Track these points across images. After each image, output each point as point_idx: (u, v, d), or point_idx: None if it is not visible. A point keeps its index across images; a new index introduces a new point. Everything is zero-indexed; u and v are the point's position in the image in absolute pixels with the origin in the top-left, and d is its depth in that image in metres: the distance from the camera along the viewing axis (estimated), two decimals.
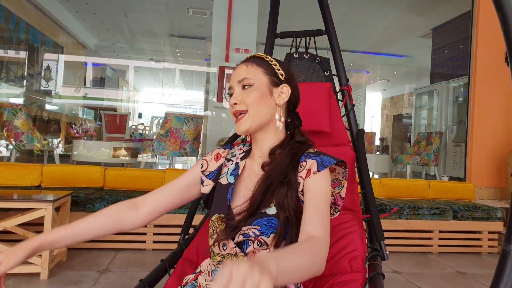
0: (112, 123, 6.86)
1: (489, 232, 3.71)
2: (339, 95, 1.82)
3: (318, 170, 0.98)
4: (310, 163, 1.00)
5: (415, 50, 9.56)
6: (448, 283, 2.82)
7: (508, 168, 4.44)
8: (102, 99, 11.11)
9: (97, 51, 10.49)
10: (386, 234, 3.47)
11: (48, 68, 8.30)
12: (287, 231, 0.97)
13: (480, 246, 3.70)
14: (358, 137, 1.68)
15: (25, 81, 7.41)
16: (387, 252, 1.35)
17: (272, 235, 0.96)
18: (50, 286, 2.36)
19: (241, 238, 0.99)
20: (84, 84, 10.46)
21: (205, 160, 1.14)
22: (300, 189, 0.99)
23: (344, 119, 1.74)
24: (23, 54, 7.28)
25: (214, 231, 1.02)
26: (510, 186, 4.32)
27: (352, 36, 8.80)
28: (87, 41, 9.83)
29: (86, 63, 10.58)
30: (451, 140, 6.72)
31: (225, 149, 1.16)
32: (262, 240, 0.97)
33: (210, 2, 5.65)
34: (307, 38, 1.93)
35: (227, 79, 5.12)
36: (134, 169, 4.01)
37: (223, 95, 5.07)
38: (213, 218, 1.04)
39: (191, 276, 1.09)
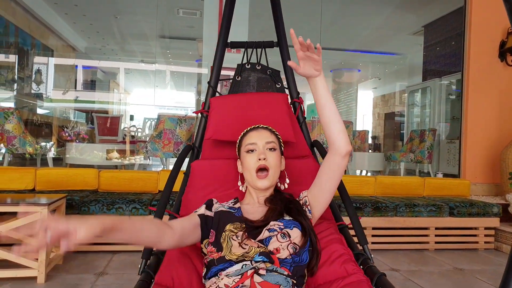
0: (105, 125, 6.79)
1: (485, 228, 3.72)
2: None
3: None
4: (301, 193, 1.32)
5: (407, 48, 9.59)
6: (446, 280, 2.82)
7: (503, 164, 4.46)
8: (93, 101, 11.03)
9: (87, 54, 10.39)
10: (382, 232, 3.49)
11: (38, 71, 8.21)
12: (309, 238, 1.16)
13: (477, 242, 3.71)
14: (318, 147, 1.76)
15: (15, 84, 7.32)
16: (372, 255, 1.35)
17: (295, 229, 1.13)
18: None
19: (266, 233, 1.11)
20: (75, 87, 10.36)
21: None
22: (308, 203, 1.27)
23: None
24: (13, 58, 7.19)
25: (230, 238, 1.10)
26: (505, 183, 4.35)
27: (344, 35, 8.81)
28: (77, 43, 9.74)
29: (76, 66, 10.48)
30: (444, 137, 6.76)
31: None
32: (286, 232, 1.11)
33: (201, 2, 5.62)
34: (259, 49, 1.94)
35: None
36: (128, 171, 3.96)
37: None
38: (227, 227, 1.13)
39: None
